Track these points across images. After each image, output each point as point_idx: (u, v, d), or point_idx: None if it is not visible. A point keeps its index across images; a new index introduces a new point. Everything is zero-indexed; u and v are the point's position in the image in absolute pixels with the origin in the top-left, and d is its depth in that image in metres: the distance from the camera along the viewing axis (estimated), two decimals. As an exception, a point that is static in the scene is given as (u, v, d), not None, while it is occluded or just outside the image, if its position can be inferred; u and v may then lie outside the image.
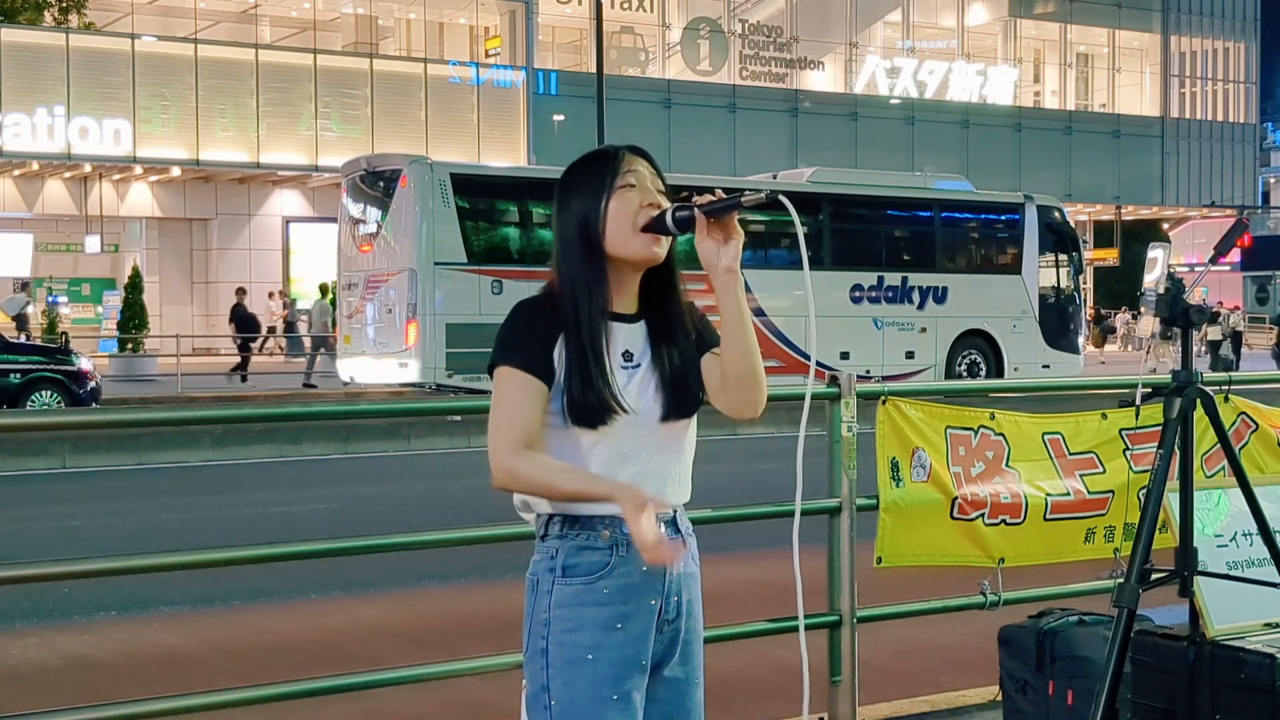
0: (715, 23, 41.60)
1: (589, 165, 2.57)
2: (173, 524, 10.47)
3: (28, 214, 35.39)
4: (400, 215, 19.54)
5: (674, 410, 2.54)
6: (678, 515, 2.59)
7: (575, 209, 2.53)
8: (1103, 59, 49.71)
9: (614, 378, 2.48)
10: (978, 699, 5.22)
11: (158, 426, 13.82)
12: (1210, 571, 4.11)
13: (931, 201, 23.46)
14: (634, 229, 2.49)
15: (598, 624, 2.47)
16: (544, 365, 2.48)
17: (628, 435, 2.49)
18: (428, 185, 19.31)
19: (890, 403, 4.84)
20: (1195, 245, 51.35)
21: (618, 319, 2.53)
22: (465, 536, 4.60)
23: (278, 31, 39.86)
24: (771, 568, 2.30)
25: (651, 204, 2.51)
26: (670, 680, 2.58)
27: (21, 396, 16.05)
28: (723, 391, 2.55)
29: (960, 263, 23.84)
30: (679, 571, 2.56)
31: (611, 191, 2.51)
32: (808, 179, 22.80)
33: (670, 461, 2.57)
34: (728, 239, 2.45)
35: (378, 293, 19.77)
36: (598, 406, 2.45)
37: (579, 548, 2.50)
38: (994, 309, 23.36)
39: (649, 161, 2.57)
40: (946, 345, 22.91)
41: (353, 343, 20.36)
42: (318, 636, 6.90)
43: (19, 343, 19.81)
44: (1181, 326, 3.85)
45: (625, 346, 2.53)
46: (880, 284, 22.46)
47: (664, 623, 2.55)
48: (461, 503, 10.67)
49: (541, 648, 2.51)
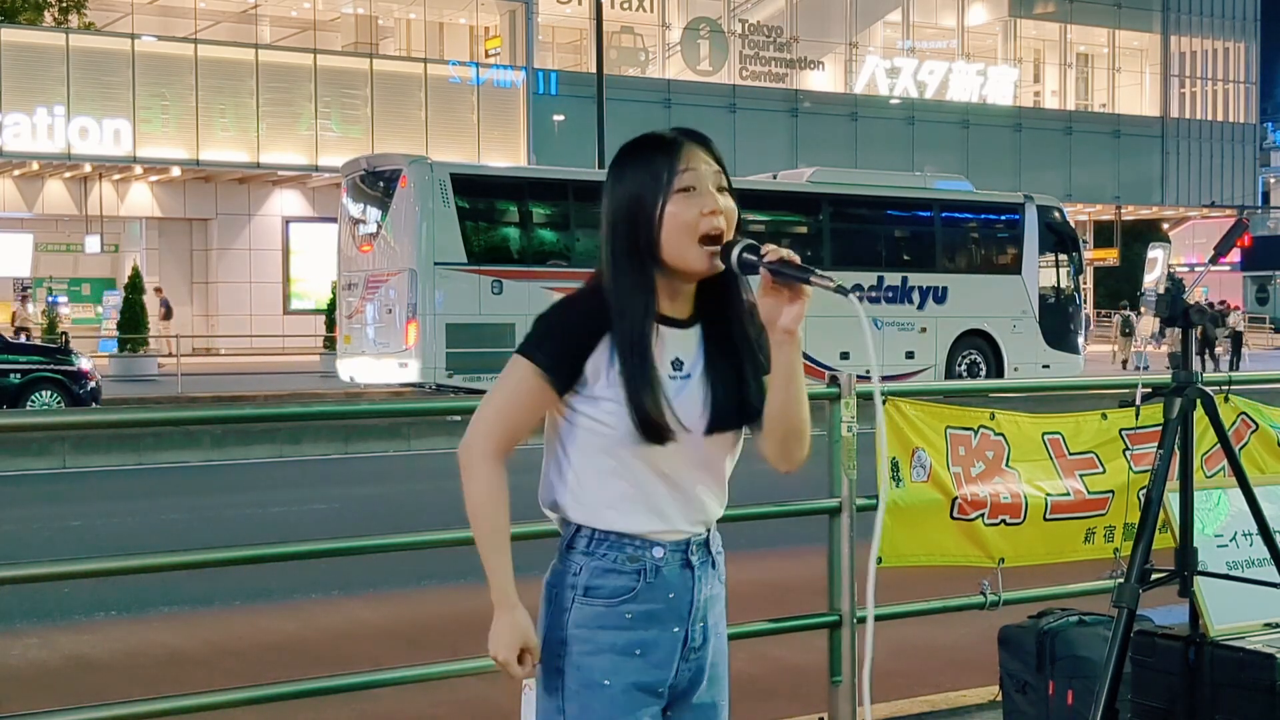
0: (715, 23, 41.59)
1: (643, 156, 2.34)
2: (173, 524, 10.46)
3: (28, 214, 35.39)
4: (400, 215, 19.54)
5: (722, 423, 2.36)
6: (710, 536, 2.46)
7: (627, 207, 2.32)
8: (1103, 59, 49.71)
9: (663, 390, 2.30)
10: (978, 699, 5.22)
11: (158, 426, 13.82)
12: (1210, 571, 4.11)
13: (931, 201, 23.45)
14: (693, 239, 2.29)
15: (616, 649, 2.36)
16: (565, 370, 2.32)
17: (667, 452, 2.33)
18: (428, 185, 19.31)
19: (890, 403, 4.83)
20: (1195, 245, 51.34)
21: (669, 324, 2.34)
22: (465, 536, 4.56)
23: (278, 31, 39.86)
24: (771, 568, 2.27)
25: (714, 211, 2.30)
26: (699, 706, 2.48)
27: (21, 396, 16.05)
28: (767, 439, 2.38)
29: (960, 263, 23.83)
30: (706, 599, 2.44)
31: (669, 193, 2.29)
32: (807, 179, 22.83)
33: (712, 479, 2.41)
34: (793, 300, 2.25)
35: (378, 293, 19.77)
36: (651, 425, 2.28)
37: (604, 569, 2.37)
38: (994, 309, 23.34)
39: (710, 152, 2.35)
40: (946, 345, 22.90)
41: (353, 343, 20.36)
42: (318, 636, 6.90)
43: (19, 343, 19.81)
44: (1182, 326, 3.85)
45: (676, 354, 2.34)
46: (880, 284, 22.45)
47: (690, 651, 2.42)
48: (461, 503, 10.62)
49: (557, 666, 2.40)
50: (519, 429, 2.38)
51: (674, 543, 2.39)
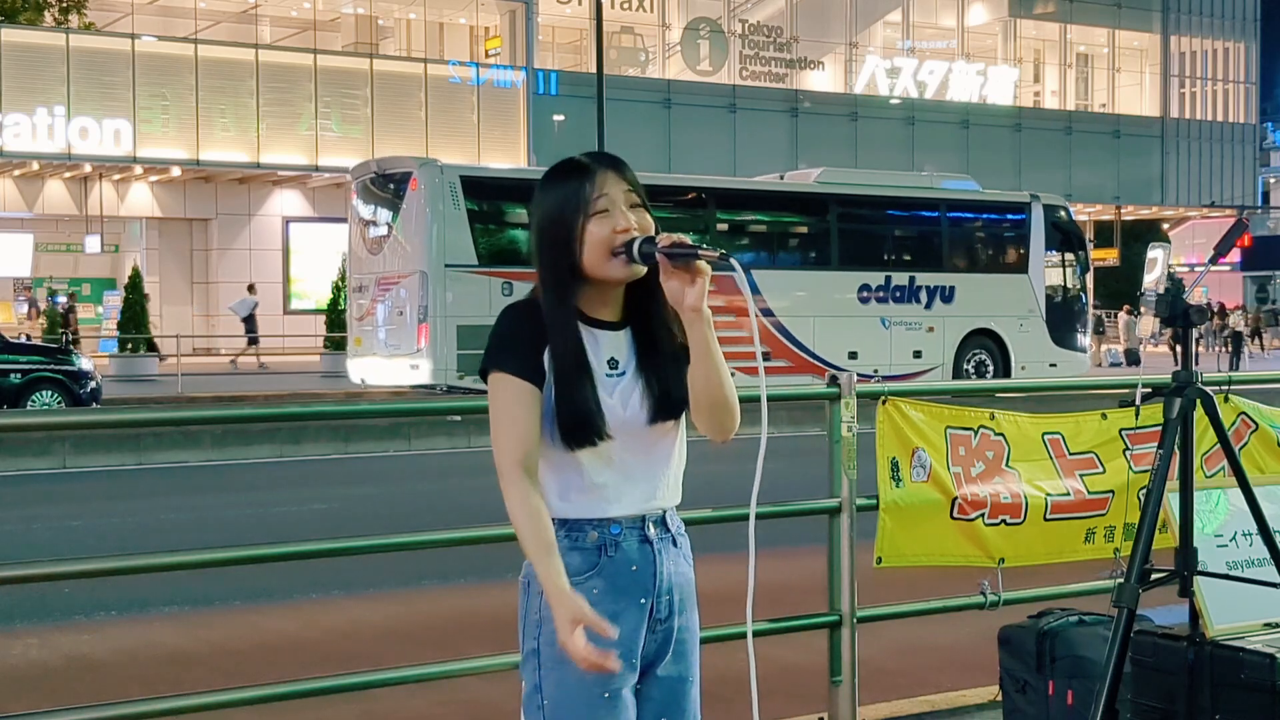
0: (715, 23, 41.59)
1: (561, 184, 2.56)
2: (173, 524, 10.46)
3: (28, 214, 35.39)
4: (411, 217, 19.63)
5: (660, 414, 2.54)
6: (668, 516, 2.60)
7: (551, 230, 2.53)
8: (1103, 59, 49.69)
9: (597, 390, 2.49)
10: (978, 699, 5.22)
11: (158, 426, 13.83)
12: (1210, 571, 4.11)
13: (938, 201, 23.47)
14: (608, 255, 2.49)
15: (587, 626, 2.45)
16: (536, 368, 2.49)
17: (615, 443, 2.51)
18: (438, 188, 19.39)
19: (890, 403, 4.84)
20: (1195, 245, 51.33)
21: (602, 326, 2.55)
22: (465, 536, 4.61)
23: (278, 31, 39.86)
24: (771, 567, 2.29)
25: (624, 229, 2.49)
26: (663, 679, 2.59)
27: (22, 396, 16.05)
28: (696, 414, 2.55)
29: (967, 262, 23.85)
30: (671, 574, 2.58)
31: (586, 217, 2.50)
32: (815, 179, 22.86)
33: (659, 465, 2.58)
34: (694, 279, 2.43)
35: (389, 294, 19.87)
36: (584, 425, 2.47)
37: (567, 549, 2.50)
38: (1001, 308, 23.37)
39: (621, 173, 2.56)
40: (954, 344, 22.93)
41: (364, 344, 20.44)
42: (318, 636, 6.90)
43: (19, 342, 19.81)
44: (1182, 326, 3.85)
45: (611, 354, 2.54)
46: (888, 283, 22.48)
47: (656, 622, 2.56)
48: (461, 503, 10.67)
49: (533, 648, 2.53)
50: (529, 437, 2.50)
51: (630, 518, 2.54)
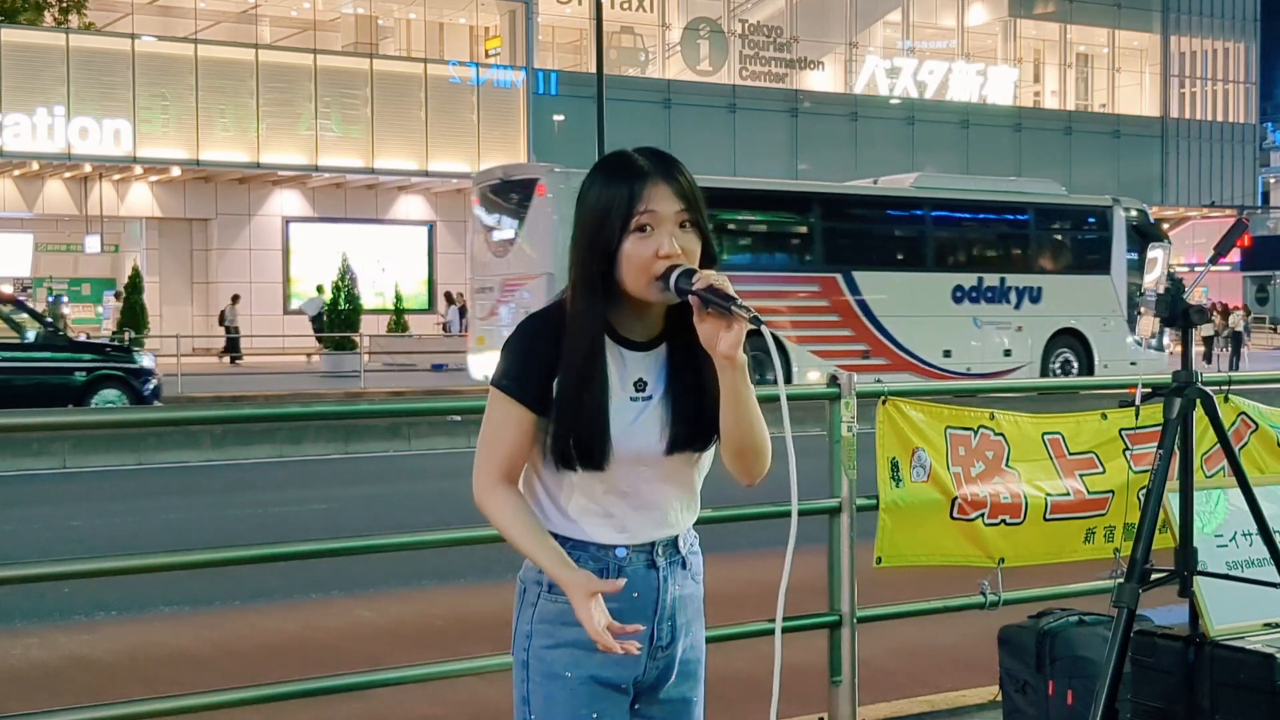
0: (715, 23, 41.60)
1: (607, 186, 2.35)
2: (173, 524, 10.46)
3: (28, 214, 35.40)
4: (537, 222, 20.16)
5: (681, 445, 2.39)
6: (680, 537, 2.49)
7: (589, 237, 2.35)
8: (1103, 59, 49.71)
9: (607, 413, 2.34)
10: (978, 699, 5.22)
11: (158, 426, 13.82)
12: (1210, 571, 4.11)
13: (1027, 205, 23.92)
14: (649, 278, 2.31)
15: (578, 644, 2.38)
16: (536, 392, 2.36)
17: (624, 472, 2.37)
18: (564, 194, 19.81)
19: (890, 403, 4.83)
20: (1195, 245, 51.34)
21: (631, 346, 2.38)
22: (465, 536, 4.60)
23: (278, 31, 39.88)
24: (772, 568, 2.28)
25: (667, 255, 2.30)
26: (665, 701, 2.52)
27: (87, 394, 15.89)
28: (725, 454, 2.42)
29: (1053, 264, 24.30)
30: (675, 598, 2.48)
31: (627, 231, 2.31)
32: (912, 184, 23.32)
33: (673, 492, 2.45)
34: (730, 325, 2.24)
35: (514, 295, 20.35)
36: (580, 449, 2.33)
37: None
38: (1085, 308, 23.75)
39: (676, 184, 2.34)
40: (1041, 343, 23.32)
41: (487, 342, 20.94)
42: (318, 636, 6.90)
43: (82, 341, 19.68)
44: (1181, 326, 3.85)
45: (639, 375, 2.38)
46: (980, 284, 22.92)
47: (657, 649, 2.47)
48: (461, 503, 10.62)
49: (522, 659, 2.48)
50: (514, 457, 2.41)
51: (638, 545, 2.44)
